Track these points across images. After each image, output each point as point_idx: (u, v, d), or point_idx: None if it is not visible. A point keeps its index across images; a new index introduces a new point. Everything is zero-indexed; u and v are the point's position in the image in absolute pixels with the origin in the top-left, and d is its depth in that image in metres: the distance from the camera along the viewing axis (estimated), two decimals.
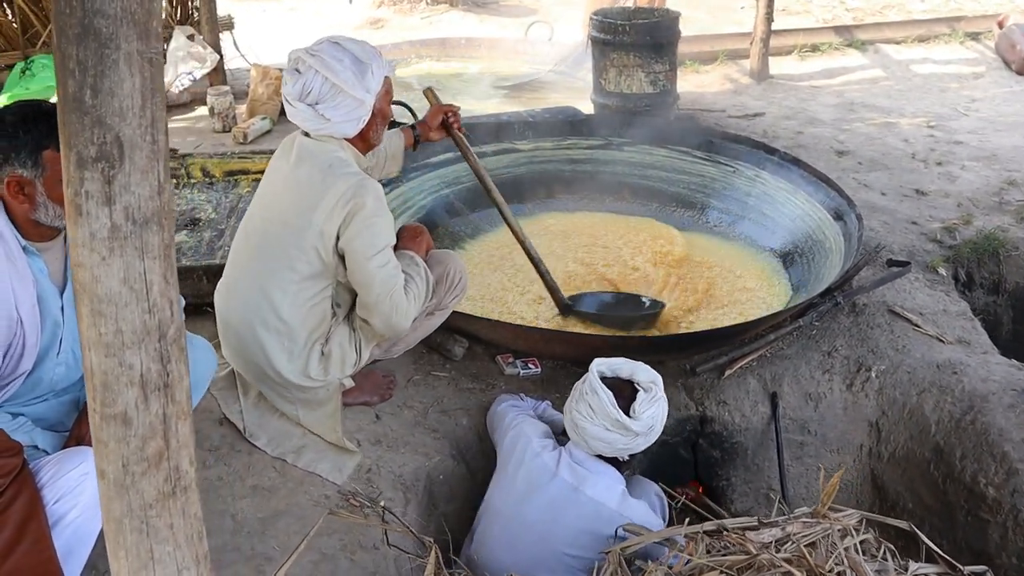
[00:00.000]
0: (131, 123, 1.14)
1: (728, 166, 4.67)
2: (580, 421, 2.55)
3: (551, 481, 2.56)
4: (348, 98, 2.61)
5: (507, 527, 2.60)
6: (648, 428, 2.55)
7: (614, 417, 2.50)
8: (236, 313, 2.80)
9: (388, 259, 2.66)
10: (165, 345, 1.24)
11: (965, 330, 3.66)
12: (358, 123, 2.69)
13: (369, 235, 2.61)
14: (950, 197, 4.85)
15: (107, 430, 1.24)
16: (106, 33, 1.10)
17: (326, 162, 2.66)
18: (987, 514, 3.02)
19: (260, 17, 9.45)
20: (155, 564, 1.30)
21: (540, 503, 2.55)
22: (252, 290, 2.74)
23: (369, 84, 2.64)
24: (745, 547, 1.97)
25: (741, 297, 3.86)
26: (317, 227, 2.61)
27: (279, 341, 2.72)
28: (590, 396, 2.55)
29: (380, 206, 2.66)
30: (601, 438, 2.53)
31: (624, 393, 2.57)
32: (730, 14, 9.12)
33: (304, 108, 2.63)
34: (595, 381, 2.56)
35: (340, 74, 2.58)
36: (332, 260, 2.67)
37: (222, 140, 5.50)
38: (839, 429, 3.48)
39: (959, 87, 6.97)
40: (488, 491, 2.76)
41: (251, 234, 2.82)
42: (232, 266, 2.88)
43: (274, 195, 2.77)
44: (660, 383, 2.63)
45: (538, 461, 2.61)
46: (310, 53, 2.60)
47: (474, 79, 7.14)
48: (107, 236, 1.16)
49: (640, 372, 2.64)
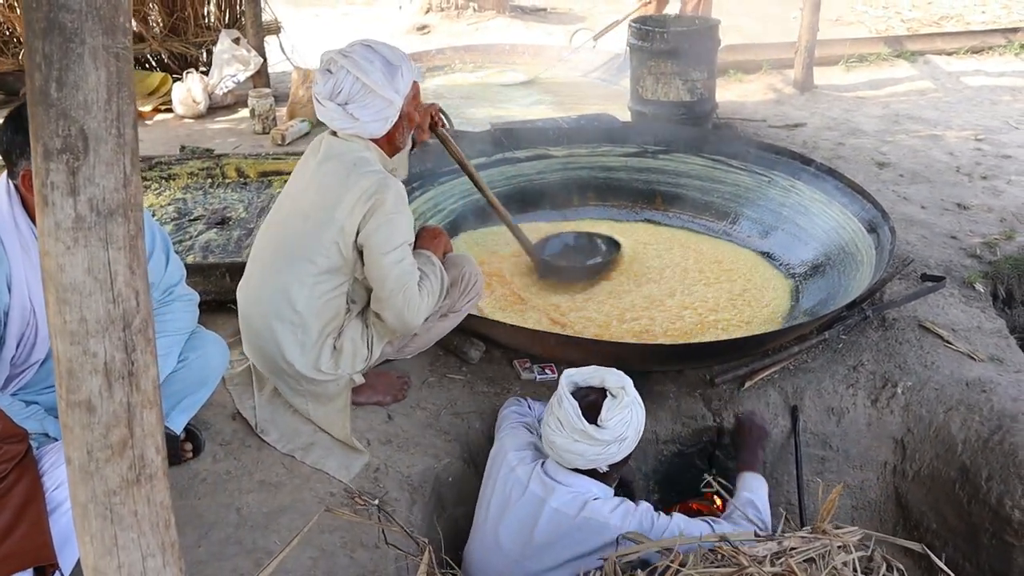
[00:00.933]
0: (96, 116, 1.17)
1: (763, 176, 4.61)
2: (550, 435, 2.47)
3: (522, 496, 2.50)
4: (378, 98, 2.70)
5: (484, 545, 2.58)
6: (619, 436, 2.45)
7: (580, 428, 2.41)
8: (254, 304, 2.88)
9: (404, 256, 2.73)
10: (130, 334, 1.26)
11: (999, 348, 3.56)
12: (386, 123, 2.77)
13: (387, 231, 2.68)
14: (993, 212, 4.73)
15: (72, 416, 1.26)
16: (71, 28, 1.12)
17: (351, 160, 2.74)
18: (1012, 538, 2.94)
19: (312, 22, 9.60)
20: (119, 550, 1.33)
21: (512, 521, 2.50)
22: (271, 282, 2.82)
23: (398, 85, 2.73)
24: (737, 559, 1.94)
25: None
26: (339, 223, 2.69)
27: (293, 332, 2.78)
28: (557, 408, 2.47)
29: (401, 204, 2.73)
30: (571, 450, 2.44)
31: (598, 402, 2.47)
32: (781, 23, 9.00)
33: (334, 107, 2.73)
34: (562, 391, 2.49)
35: (371, 75, 2.67)
36: (351, 255, 2.74)
37: (261, 141, 5.59)
38: (862, 445, 3.41)
39: (1012, 100, 6.79)
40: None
41: (274, 228, 2.92)
42: (254, 259, 2.96)
43: (299, 191, 2.86)
44: (630, 387, 2.53)
45: (512, 476, 2.55)
46: (342, 54, 2.70)
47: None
48: (71, 226, 1.19)
49: (609, 377, 2.53)
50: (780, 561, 1.98)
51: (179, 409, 2.69)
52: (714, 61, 5.44)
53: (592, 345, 3.33)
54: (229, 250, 3.75)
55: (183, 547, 2.12)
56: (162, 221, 4.02)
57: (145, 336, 1.28)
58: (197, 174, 4.43)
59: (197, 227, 3.97)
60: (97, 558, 1.33)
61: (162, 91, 6.41)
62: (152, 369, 1.30)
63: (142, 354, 1.28)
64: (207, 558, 2.42)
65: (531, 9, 9.62)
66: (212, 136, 5.77)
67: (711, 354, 3.41)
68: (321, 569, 2.41)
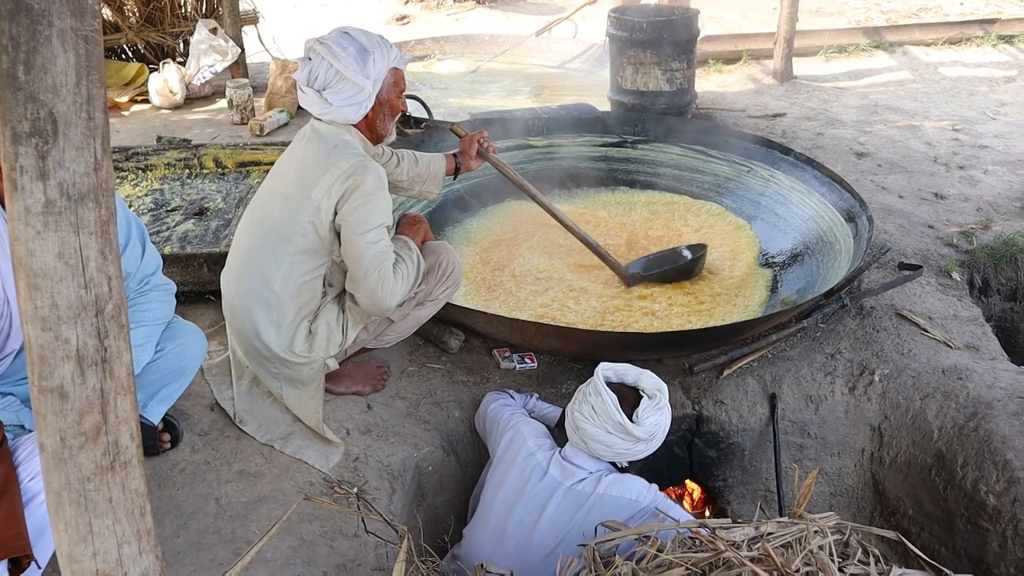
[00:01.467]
0: (65, 100, 1.16)
1: (743, 165, 4.63)
2: (581, 423, 2.55)
3: (541, 480, 2.57)
4: (348, 83, 2.72)
5: (498, 526, 2.60)
6: (650, 435, 2.56)
7: (617, 420, 2.50)
8: (235, 284, 2.90)
9: (381, 237, 2.74)
10: (103, 320, 1.25)
11: (975, 336, 3.59)
12: (360, 108, 2.79)
13: (365, 211, 2.70)
14: (970, 201, 4.76)
15: (45, 403, 1.25)
16: (38, 9, 1.11)
17: (332, 143, 2.77)
18: (987, 522, 2.97)
19: (291, 13, 9.53)
20: (94, 537, 1.32)
21: (530, 502, 2.55)
22: (250, 262, 2.84)
23: (370, 71, 2.74)
24: (714, 544, 1.95)
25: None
26: (315, 202, 2.71)
27: (268, 313, 2.79)
28: (593, 398, 2.54)
29: (379, 186, 2.74)
30: (602, 440, 2.53)
31: (628, 399, 2.57)
32: (761, 14, 9.02)
33: (312, 93, 2.76)
34: (600, 384, 2.56)
35: (342, 60, 2.69)
36: (328, 236, 2.75)
37: (239, 132, 5.55)
38: (840, 432, 3.44)
39: (989, 90, 6.83)
40: (482, 490, 2.75)
41: (255, 209, 2.94)
42: (237, 241, 2.98)
43: (282, 173, 2.89)
44: (666, 392, 2.64)
45: (531, 461, 2.61)
46: (319, 41, 2.74)
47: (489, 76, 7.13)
48: (41, 211, 1.18)
49: (645, 379, 2.64)
50: (757, 546, 1.99)
51: (157, 399, 2.68)
52: (693, 51, 5.44)
53: (571, 333, 3.33)
54: (207, 240, 3.72)
55: (162, 538, 2.12)
56: (139, 212, 3.99)
57: (118, 322, 1.27)
58: (175, 165, 4.40)
59: (175, 218, 3.94)
60: (72, 545, 1.32)
61: (139, 82, 6.35)
62: (126, 355, 1.29)
63: (115, 340, 1.27)
64: (186, 548, 2.41)
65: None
66: (190, 127, 5.72)
67: (690, 342, 3.42)
68: (301, 558, 2.41)
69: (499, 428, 2.84)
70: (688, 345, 3.44)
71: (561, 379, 3.38)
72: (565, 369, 3.42)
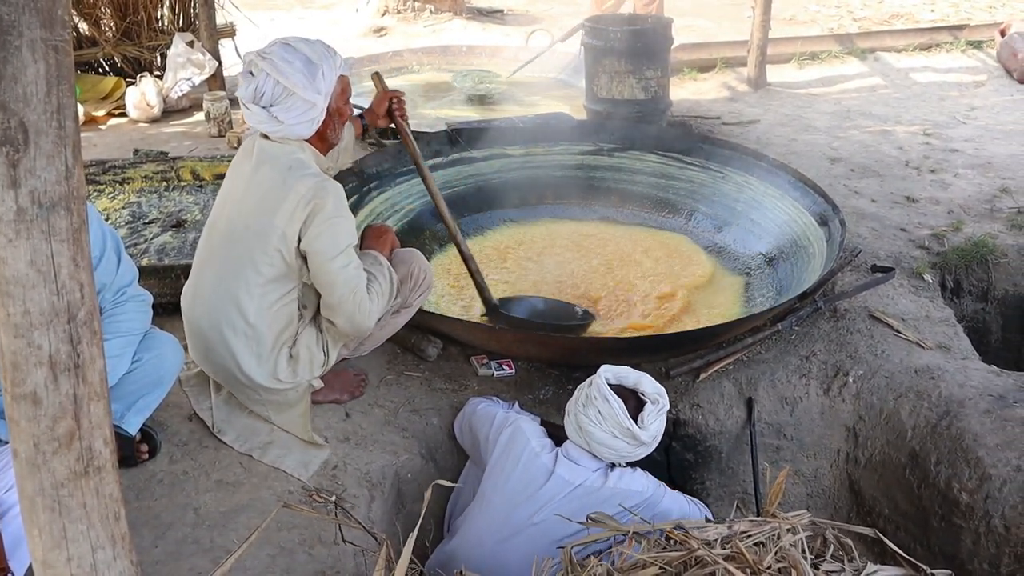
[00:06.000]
0: (36, 109, 1.17)
1: (717, 172, 4.68)
2: (587, 426, 2.57)
3: (548, 480, 2.59)
4: (299, 100, 2.63)
5: (503, 525, 2.61)
6: (653, 438, 2.61)
7: (625, 426, 2.54)
8: (204, 318, 2.82)
9: (350, 259, 2.69)
10: (75, 327, 1.27)
11: (946, 336, 3.64)
12: (312, 124, 2.71)
13: (330, 235, 2.64)
14: (941, 204, 4.83)
15: (18, 409, 1.27)
16: (8, 20, 1.13)
17: (286, 164, 2.68)
18: (960, 520, 3.01)
19: (268, 26, 9.53)
20: (68, 543, 1.33)
21: (537, 503, 2.58)
22: (218, 294, 2.76)
23: (320, 86, 2.65)
24: (688, 544, 1.97)
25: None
26: (279, 229, 2.63)
27: (247, 345, 2.74)
28: (600, 402, 2.57)
29: (341, 206, 2.69)
30: (607, 444, 2.57)
31: (629, 402, 2.60)
32: (735, 22, 9.11)
33: (258, 111, 2.66)
34: (605, 388, 2.59)
35: (291, 76, 2.60)
36: (295, 262, 2.69)
37: (217, 144, 5.55)
38: (816, 434, 3.48)
39: (959, 95, 6.93)
40: (460, 496, 2.76)
41: (215, 237, 2.84)
42: (197, 270, 2.89)
43: (236, 198, 2.78)
44: (665, 396, 2.68)
45: (537, 462, 2.63)
46: (261, 56, 2.63)
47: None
48: (13, 219, 1.19)
49: (645, 383, 2.67)
50: (729, 545, 2.02)
51: (134, 410, 2.67)
52: (667, 59, 5.49)
53: (547, 339, 3.36)
54: (184, 252, 3.72)
55: (140, 548, 2.12)
56: (116, 224, 3.98)
57: (91, 328, 1.29)
58: (152, 177, 4.39)
59: (152, 230, 3.94)
60: (46, 551, 1.33)
61: (115, 95, 6.34)
62: (99, 361, 1.31)
63: (88, 346, 1.29)
64: (164, 558, 2.41)
65: (488, 11, 9.63)
66: (167, 139, 5.72)
67: (666, 347, 3.46)
68: (279, 566, 2.42)
69: (494, 425, 2.83)
70: (664, 349, 3.47)
71: (539, 385, 3.41)
72: (543, 375, 3.45)
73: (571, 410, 2.66)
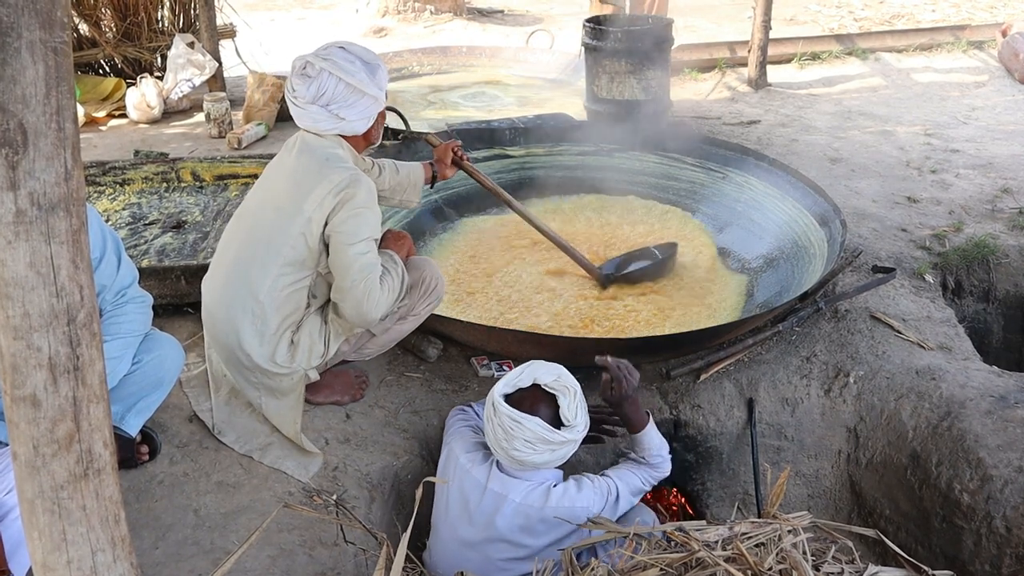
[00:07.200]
0: (35, 110, 1.17)
1: (718, 172, 4.68)
2: (524, 457, 2.41)
3: (482, 497, 2.50)
4: (365, 96, 2.77)
5: (448, 548, 2.58)
6: (583, 427, 2.48)
7: (558, 440, 2.40)
8: (218, 293, 2.90)
9: (369, 248, 2.77)
10: (75, 329, 1.26)
11: (948, 336, 3.64)
12: (369, 121, 2.86)
13: (355, 223, 2.73)
14: (942, 204, 4.83)
15: (17, 412, 1.26)
16: (7, 22, 1.13)
17: (323, 156, 2.80)
18: (961, 520, 3.00)
19: (268, 26, 9.53)
20: (68, 545, 1.33)
21: (476, 519, 2.50)
22: (235, 271, 2.85)
23: (381, 82, 2.81)
24: (688, 545, 1.97)
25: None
26: (306, 214, 2.73)
27: (252, 322, 2.80)
28: (518, 429, 2.38)
29: (371, 200, 2.78)
30: (547, 461, 2.44)
31: (538, 401, 2.44)
32: (735, 23, 9.12)
33: (317, 110, 2.77)
34: (513, 412, 2.39)
35: (355, 75, 2.73)
36: (317, 247, 2.77)
37: (217, 145, 5.55)
38: (816, 434, 3.47)
39: (960, 96, 6.93)
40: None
41: (243, 218, 2.95)
42: (222, 249, 2.98)
43: (271, 184, 2.91)
44: (565, 374, 2.50)
45: (468, 479, 2.54)
46: (321, 57, 2.74)
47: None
48: (12, 221, 1.19)
49: (539, 372, 2.48)
50: (730, 546, 2.01)
51: (134, 412, 2.68)
52: (668, 60, 5.49)
53: (547, 340, 3.35)
54: (185, 254, 3.73)
55: (140, 550, 2.12)
56: (117, 226, 3.98)
57: (90, 330, 1.28)
58: (152, 178, 4.40)
59: (153, 231, 3.94)
60: (46, 554, 1.33)
61: (116, 96, 6.34)
62: (98, 363, 1.30)
63: (87, 348, 1.28)
64: (164, 559, 2.41)
65: (488, 11, 9.65)
66: (167, 141, 5.72)
67: (667, 347, 3.45)
68: (280, 567, 2.41)
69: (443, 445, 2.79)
70: (665, 350, 3.47)
71: None
72: None
73: (496, 446, 2.46)
